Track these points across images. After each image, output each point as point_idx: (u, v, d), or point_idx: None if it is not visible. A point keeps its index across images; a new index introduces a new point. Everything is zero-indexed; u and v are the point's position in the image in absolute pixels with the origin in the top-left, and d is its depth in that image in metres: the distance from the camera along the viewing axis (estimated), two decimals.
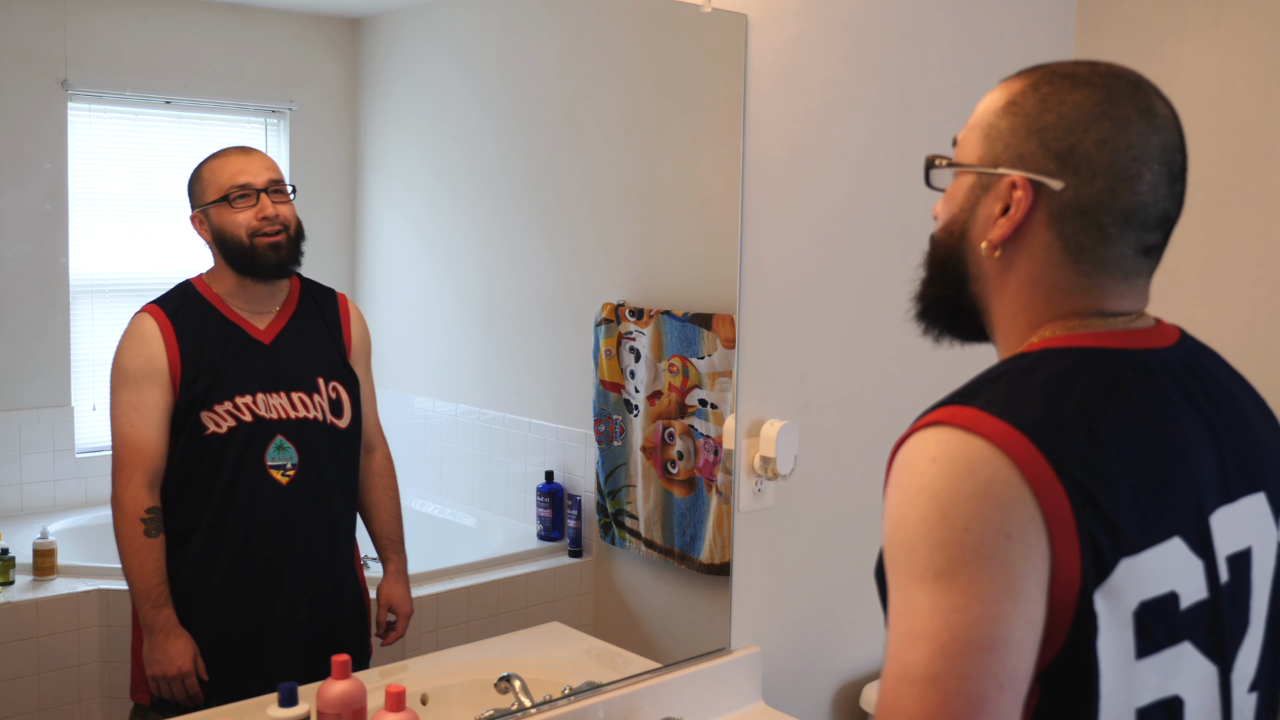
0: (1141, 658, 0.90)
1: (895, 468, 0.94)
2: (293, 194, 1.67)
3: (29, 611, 1.56)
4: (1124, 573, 0.88)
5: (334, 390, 1.72)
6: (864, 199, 2.26)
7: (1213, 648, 0.96)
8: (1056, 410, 0.91)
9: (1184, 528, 0.94)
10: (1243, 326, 2.41)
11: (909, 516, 0.88)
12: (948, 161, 1.07)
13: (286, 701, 1.48)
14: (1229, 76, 2.45)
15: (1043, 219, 0.99)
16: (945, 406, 0.94)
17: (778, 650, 2.20)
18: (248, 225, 1.62)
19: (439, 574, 1.93)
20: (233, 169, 1.63)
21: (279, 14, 1.79)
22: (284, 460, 1.66)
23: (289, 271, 1.68)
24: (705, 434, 2.09)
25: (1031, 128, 0.99)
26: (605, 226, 2.20)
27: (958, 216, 1.05)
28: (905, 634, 0.84)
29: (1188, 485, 0.96)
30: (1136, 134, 0.97)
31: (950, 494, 0.86)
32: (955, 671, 0.80)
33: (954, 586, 0.82)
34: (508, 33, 2.14)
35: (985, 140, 1.03)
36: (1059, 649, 0.87)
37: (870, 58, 2.24)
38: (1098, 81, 0.99)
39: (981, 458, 0.87)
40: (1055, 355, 0.98)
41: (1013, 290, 1.03)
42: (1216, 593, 0.96)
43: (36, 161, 1.58)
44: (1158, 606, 0.91)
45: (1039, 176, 0.98)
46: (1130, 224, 0.98)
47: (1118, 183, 0.97)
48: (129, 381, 1.58)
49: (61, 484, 1.61)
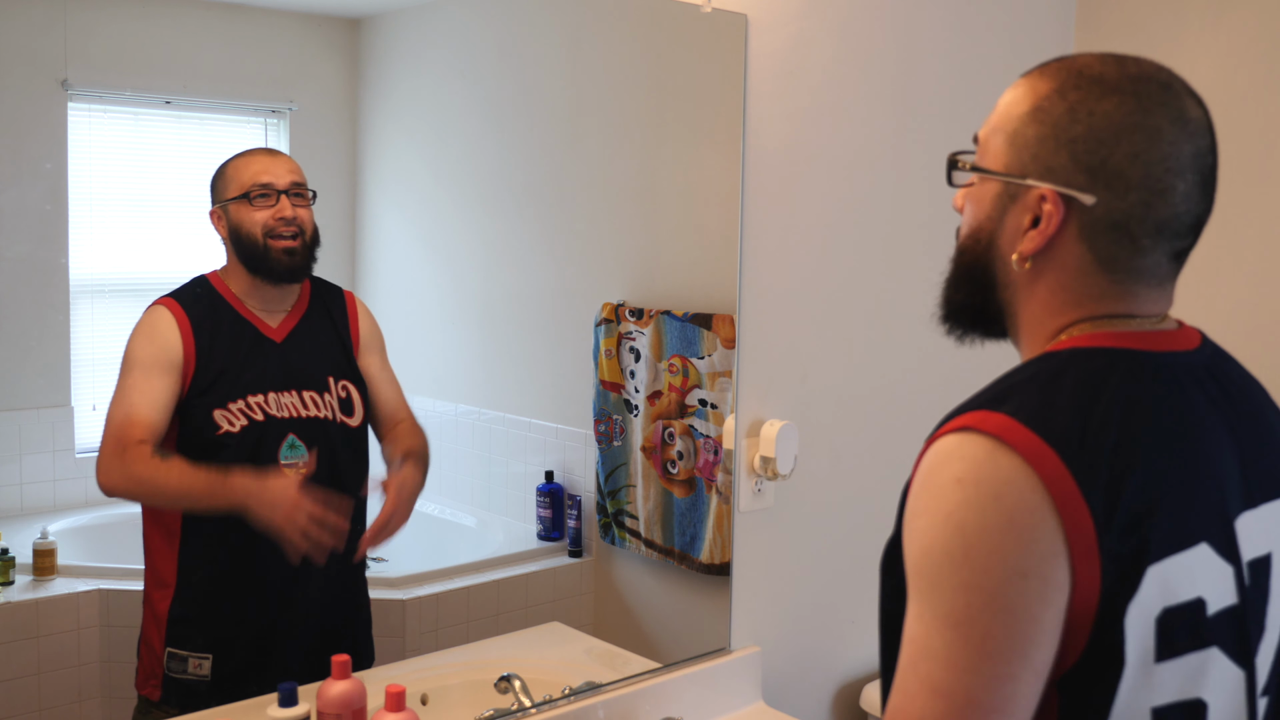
0: (1161, 661, 0.90)
1: (921, 474, 0.94)
2: (313, 199, 1.67)
3: (29, 611, 1.56)
4: (1151, 582, 0.88)
5: (344, 389, 1.72)
6: (864, 198, 2.26)
7: (1241, 654, 0.96)
8: (1085, 418, 0.91)
9: (1211, 533, 0.94)
10: (1244, 326, 2.41)
11: (935, 546, 0.89)
12: (972, 165, 1.04)
13: (286, 701, 1.48)
14: (1229, 77, 2.45)
15: (1074, 232, 0.97)
16: (976, 410, 0.93)
17: (778, 650, 2.20)
18: (264, 225, 1.62)
19: (439, 574, 1.93)
20: (257, 167, 1.64)
21: (279, 14, 1.79)
22: (296, 459, 1.66)
23: (299, 277, 1.69)
24: (705, 434, 2.09)
25: (1060, 139, 0.96)
26: (605, 226, 2.20)
27: (985, 225, 1.03)
28: (928, 675, 0.87)
29: (1214, 490, 0.95)
30: (1169, 144, 0.94)
31: (975, 526, 0.87)
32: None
33: (970, 639, 0.86)
34: (508, 33, 2.14)
35: (1011, 147, 1.00)
36: (1078, 656, 0.88)
37: (870, 58, 2.24)
38: (1128, 87, 0.95)
39: (1006, 480, 0.87)
40: (1084, 356, 0.97)
41: (1041, 298, 1.01)
42: (1244, 597, 0.96)
43: (36, 161, 1.58)
44: (1182, 612, 0.91)
45: (1070, 191, 0.96)
46: (1164, 234, 0.96)
47: (1151, 196, 0.95)
48: (138, 367, 1.58)
49: (61, 484, 1.61)
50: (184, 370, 1.58)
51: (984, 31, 2.46)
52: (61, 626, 1.57)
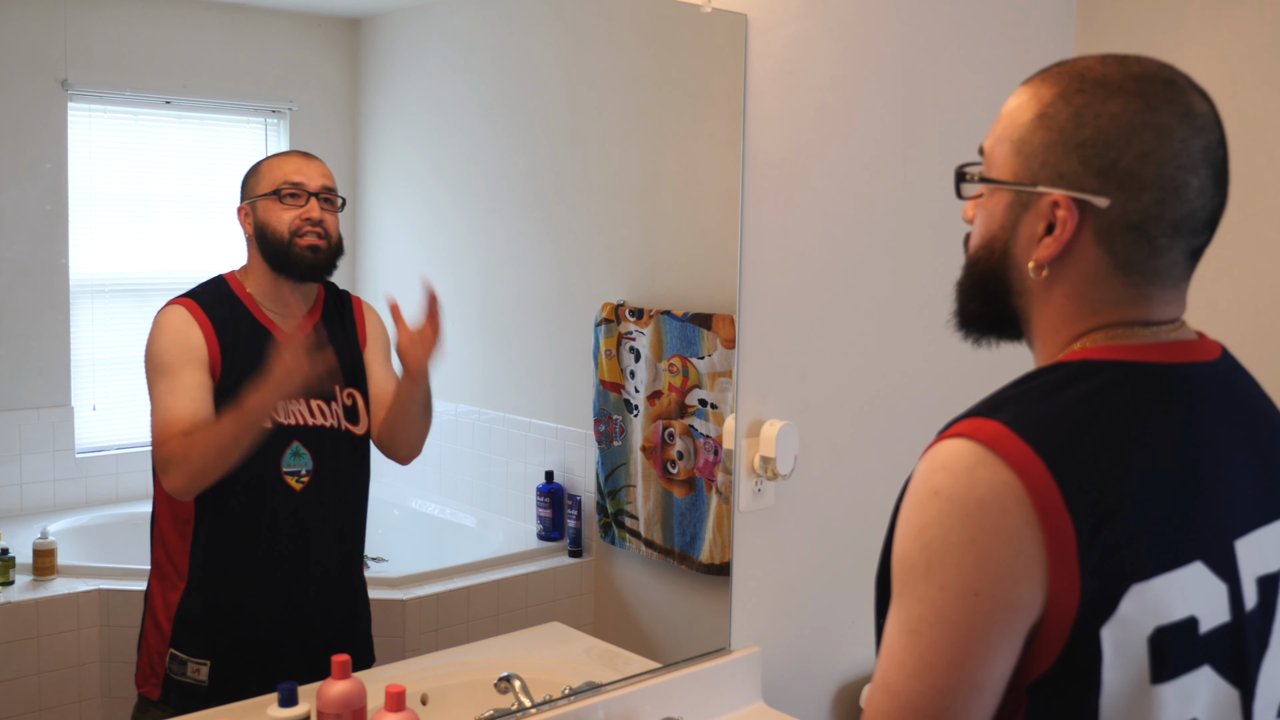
0: (1159, 683, 0.90)
1: (912, 481, 0.95)
2: (342, 207, 1.68)
3: (29, 611, 1.56)
4: (1134, 599, 0.88)
5: (350, 397, 1.72)
6: (864, 198, 2.26)
7: (1234, 671, 0.95)
8: (1081, 431, 0.90)
9: (1208, 551, 0.93)
10: (1245, 326, 2.41)
11: (906, 556, 0.92)
12: (980, 176, 1.03)
13: (286, 701, 1.48)
14: (1230, 77, 2.45)
15: (1090, 236, 0.96)
16: (972, 418, 0.93)
17: (778, 650, 2.20)
18: (291, 223, 1.63)
19: (439, 574, 1.93)
20: (290, 167, 1.65)
21: (279, 14, 1.79)
22: (299, 467, 1.66)
23: (321, 276, 1.69)
24: (705, 434, 2.09)
25: (1069, 144, 0.95)
26: (605, 226, 2.20)
27: (998, 235, 1.02)
28: (885, 674, 0.92)
29: (1217, 507, 0.94)
30: (1180, 141, 0.93)
31: (940, 542, 0.89)
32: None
33: (917, 649, 0.90)
34: (508, 33, 2.14)
35: (1019, 156, 0.99)
36: (1050, 666, 0.88)
37: (870, 58, 2.24)
38: (1132, 87, 0.94)
39: (979, 498, 0.88)
40: (1092, 370, 0.95)
41: (1057, 304, 1.00)
42: (1240, 616, 0.95)
43: (36, 161, 1.58)
44: (1175, 631, 0.90)
45: (1083, 195, 0.95)
46: (1180, 232, 0.95)
47: (1165, 194, 0.94)
48: (166, 370, 1.57)
49: (61, 484, 1.61)
50: (211, 364, 1.58)
51: (983, 30, 2.46)
52: (61, 626, 1.57)
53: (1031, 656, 0.89)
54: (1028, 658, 0.89)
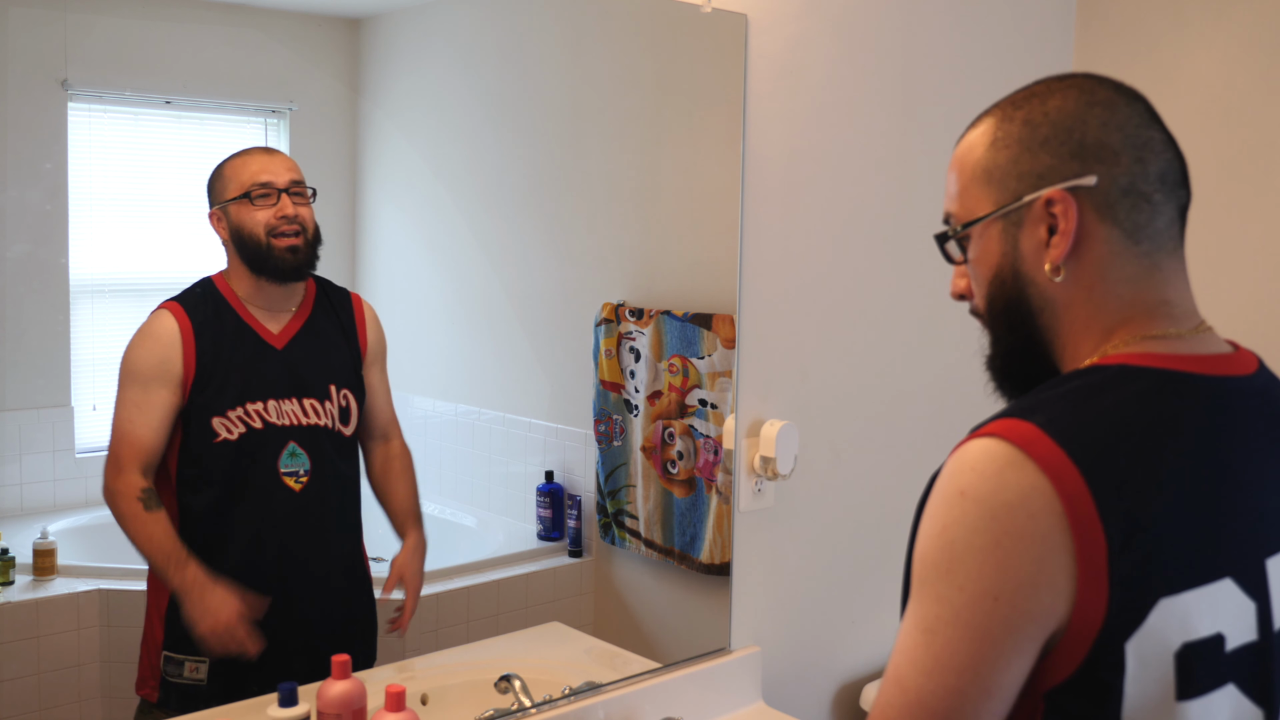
0: (1184, 699, 0.89)
1: (940, 477, 0.94)
2: (313, 197, 1.67)
3: (29, 611, 1.56)
4: (1161, 613, 0.87)
5: (344, 398, 1.72)
6: (864, 198, 2.26)
7: (1259, 691, 0.95)
8: (1118, 438, 0.90)
9: (1239, 568, 0.93)
10: (1246, 326, 2.41)
11: (929, 553, 0.92)
12: (964, 224, 1.04)
13: (286, 701, 1.48)
14: (1230, 76, 2.45)
15: (1093, 216, 0.98)
16: (1005, 418, 0.92)
17: (778, 650, 2.20)
18: (266, 224, 1.62)
19: (439, 574, 1.92)
20: (255, 167, 1.64)
21: (279, 14, 1.79)
22: (296, 467, 1.66)
23: (304, 275, 1.69)
24: (705, 434, 2.09)
25: (1033, 147, 0.99)
26: (605, 226, 2.20)
27: (1002, 264, 1.03)
28: (897, 669, 0.92)
29: (1250, 524, 0.94)
30: (1126, 106, 0.99)
31: (963, 544, 0.89)
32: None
33: (931, 647, 0.90)
34: (508, 33, 2.14)
35: (991, 183, 1.01)
36: (1070, 675, 0.88)
37: (870, 58, 2.24)
38: (1058, 87, 1.01)
39: (1007, 502, 0.87)
40: (1131, 376, 0.95)
41: (1080, 301, 1.00)
42: (1267, 635, 0.94)
43: (36, 161, 1.58)
44: (1202, 648, 0.90)
45: (1070, 182, 0.97)
46: (1166, 184, 0.98)
47: (1140, 151, 0.97)
48: (137, 380, 1.58)
49: (61, 484, 1.61)
50: (184, 380, 1.58)
51: (983, 30, 2.46)
52: (61, 626, 1.57)
53: (1051, 664, 0.88)
54: (1047, 665, 0.89)
